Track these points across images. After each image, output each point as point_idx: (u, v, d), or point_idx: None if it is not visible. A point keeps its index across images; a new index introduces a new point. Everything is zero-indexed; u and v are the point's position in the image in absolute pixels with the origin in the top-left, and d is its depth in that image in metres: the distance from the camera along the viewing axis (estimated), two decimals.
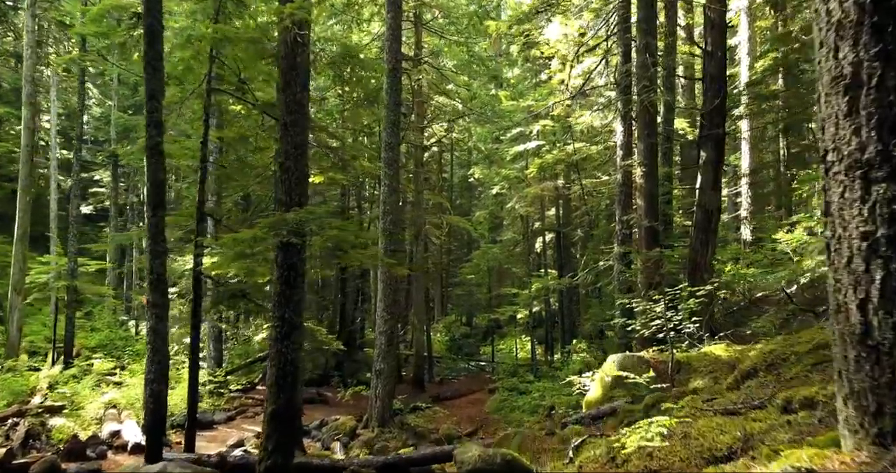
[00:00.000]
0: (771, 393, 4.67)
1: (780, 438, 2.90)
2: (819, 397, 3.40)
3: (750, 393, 4.88)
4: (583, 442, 4.99)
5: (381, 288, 14.76)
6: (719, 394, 5.52)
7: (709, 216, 12.57)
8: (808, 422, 3.15)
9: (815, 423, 3.09)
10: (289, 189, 7.09)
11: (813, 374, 4.88)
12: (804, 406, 3.43)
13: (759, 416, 3.61)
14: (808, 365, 5.16)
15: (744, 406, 4.29)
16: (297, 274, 7.08)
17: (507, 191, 28.62)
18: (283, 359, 6.92)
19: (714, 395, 5.38)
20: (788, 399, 3.58)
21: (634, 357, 8.75)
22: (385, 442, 14.01)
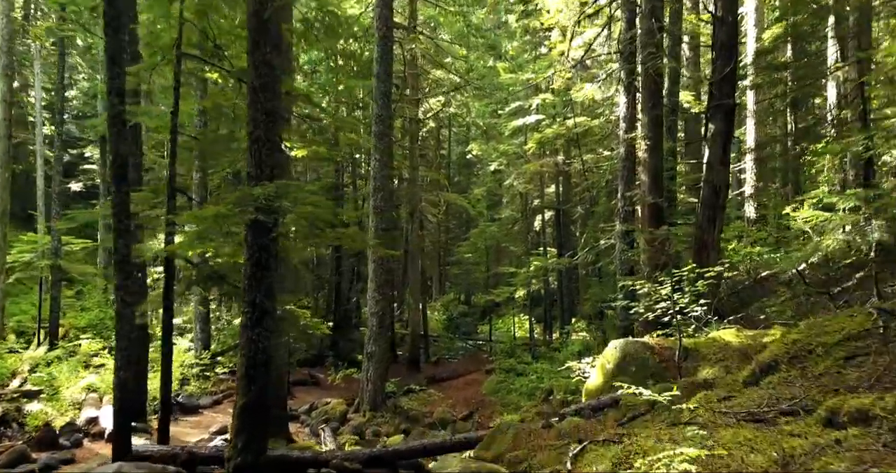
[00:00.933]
0: (800, 393, 4.05)
1: (833, 467, 2.30)
2: (876, 410, 2.78)
3: (774, 392, 4.26)
4: (583, 450, 4.39)
5: (373, 269, 14.15)
6: (736, 391, 4.91)
7: (716, 192, 11.88)
8: (864, 444, 2.54)
9: (876, 446, 2.49)
10: (259, 161, 6.41)
11: (847, 371, 4.26)
12: (856, 420, 2.82)
13: (795, 428, 2.99)
14: (839, 360, 4.55)
15: (771, 411, 3.67)
16: (269, 255, 6.44)
17: (506, 168, 27.88)
18: (255, 348, 6.31)
19: (731, 393, 4.77)
20: (833, 410, 2.96)
21: (638, 342, 8.15)
22: (377, 427, 13.53)
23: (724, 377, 6.50)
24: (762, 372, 5.15)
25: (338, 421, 13.31)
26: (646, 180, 12.33)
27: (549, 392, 15.19)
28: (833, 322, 5.23)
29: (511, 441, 6.84)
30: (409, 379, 19.55)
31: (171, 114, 8.73)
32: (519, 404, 15.62)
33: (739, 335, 8.02)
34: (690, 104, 19.21)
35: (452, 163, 40.79)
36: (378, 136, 14.02)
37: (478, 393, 18.04)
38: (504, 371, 19.09)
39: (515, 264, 30.60)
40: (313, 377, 18.25)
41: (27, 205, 29.86)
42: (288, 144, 10.45)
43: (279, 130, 6.62)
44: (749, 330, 8.46)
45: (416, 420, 14.54)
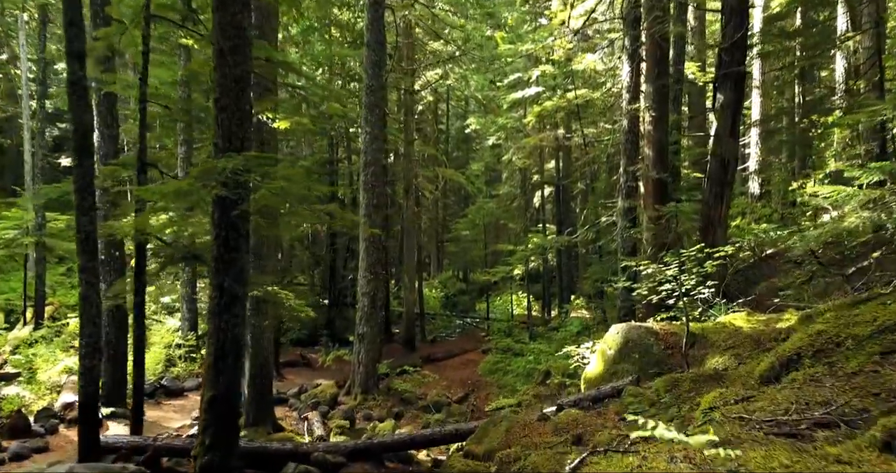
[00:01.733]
0: (833, 397, 3.50)
1: None
2: None
3: (801, 394, 3.71)
4: (582, 463, 3.85)
5: (364, 247, 13.58)
6: (754, 390, 4.36)
7: (724, 166, 11.25)
8: None
9: None
10: (227, 132, 5.79)
11: (886, 369, 3.70)
12: None
13: (842, 452, 2.44)
14: (873, 355, 3.99)
15: (803, 420, 3.13)
16: (238, 235, 5.86)
17: (505, 142, 27.16)
18: (223, 336, 5.76)
19: (749, 391, 4.23)
20: (891, 431, 2.41)
21: (641, 328, 7.61)
22: (368, 410, 13.10)
23: (735, 368, 5.96)
24: (783, 366, 4.60)
25: (328, 405, 12.86)
26: (650, 154, 11.70)
27: (547, 374, 14.75)
28: (865, 310, 4.66)
29: (504, 435, 6.34)
30: (405, 358, 19.12)
31: (139, 81, 8.07)
32: (515, 386, 15.20)
33: (750, 319, 7.48)
34: (695, 75, 18.45)
35: (451, 137, 39.97)
36: (369, 108, 13.35)
37: (474, 373, 17.62)
38: (501, 351, 18.65)
39: (514, 242, 30.05)
40: (305, 358, 17.80)
41: (20, 179, 29.23)
42: (270, 115, 9.81)
43: (250, 98, 5.98)
44: (760, 313, 7.92)
45: (410, 402, 14.12)
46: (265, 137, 10.49)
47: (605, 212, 18.57)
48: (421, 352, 19.95)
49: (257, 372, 10.46)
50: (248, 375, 10.53)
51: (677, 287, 7.69)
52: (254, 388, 10.46)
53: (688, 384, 5.78)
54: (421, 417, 13.27)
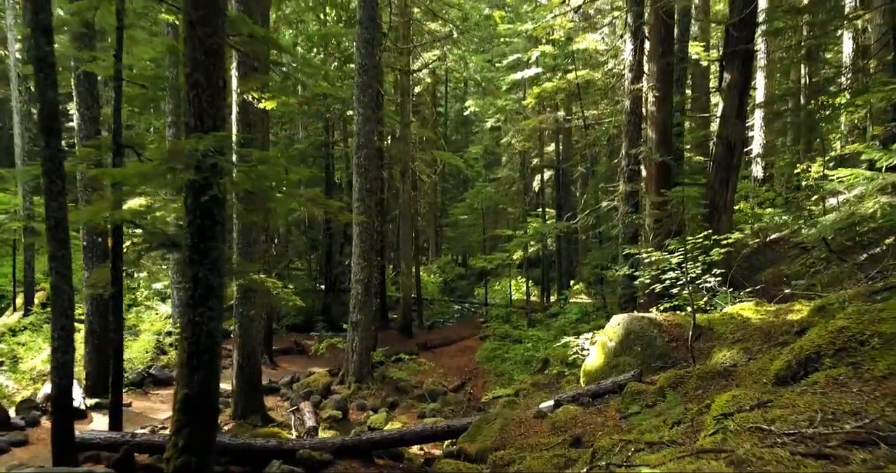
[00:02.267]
0: (862, 405, 3.12)
1: None
2: None
3: (825, 400, 3.33)
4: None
5: (357, 233, 13.16)
6: (770, 393, 3.98)
7: (731, 149, 10.83)
8: None
9: None
10: (199, 110, 5.36)
11: None
12: None
13: None
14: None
15: (832, 435, 2.74)
16: (213, 223, 5.45)
17: (504, 125, 26.65)
18: (198, 331, 5.37)
19: (765, 394, 3.84)
20: None
21: (644, 318, 7.24)
22: (362, 400, 12.77)
23: (745, 364, 5.59)
24: (801, 365, 4.21)
25: (320, 394, 12.52)
26: (653, 136, 11.25)
27: (545, 362, 14.44)
28: (891, 305, 4.27)
29: (498, 434, 5.99)
30: (401, 345, 18.80)
31: (113, 57, 7.61)
32: (513, 374, 14.88)
33: (759, 310, 7.10)
34: (699, 55, 17.91)
35: (450, 120, 39.46)
36: (361, 88, 12.86)
37: (471, 360, 17.30)
38: (499, 337, 18.33)
39: (513, 226, 29.64)
40: (299, 345, 17.47)
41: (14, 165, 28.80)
42: (256, 95, 9.36)
43: (223, 73, 5.53)
44: (768, 303, 7.54)
45: (405, 391, 13.80)
46: (251, 119, 10.04)
47: (605, 196, 18.15)
48: (418, 339, 19.63)
49: (245, 362, 10.11)
50: (236, 365, 10.19)
51: (682, 275, 7.32)
52: (242, 378, 10.12)
53: (694, 381, 5.41)
54: (416, 406, 12.95)
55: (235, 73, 10.00)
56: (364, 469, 6.93)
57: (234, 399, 10.25)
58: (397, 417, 12.17)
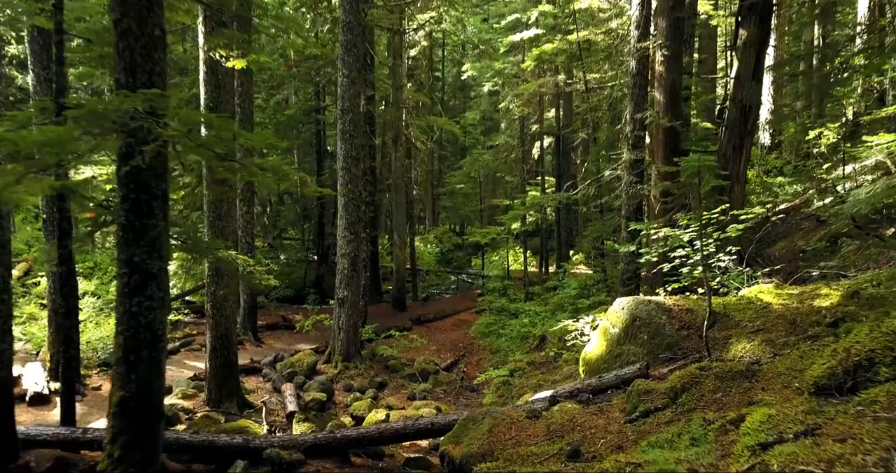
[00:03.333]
0: None
1: None
2: None
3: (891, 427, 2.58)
4: None
5: (343, 203, 12.35)
6: (809, 409, 3.23)
7: (745, 113, 9.95)
8: None
9: None
10: (129, 63, 4.51)
11: None
12: None
13: None
14: None
15: None
16: (150, 196, 4.65)
17: (502, 89, 25.56)
18: (136, 324, 4.61)
19: (809, 413, 3.09)
20: None
21: (651, 303, 6.47)
22: (349, 380, 12.13)
23: (771, 360, 4.84)
24: (848, 374, 3.46)
25: (305, 375, 11.86)
26: (661, 99, 10.34)
27: (542, 338, 13.77)
28: None
29: (486, 436, 5.27)
30: (394, 319, 18.16)
31: (53, 7, 6.70)
32: (509, 351, 14.25)
33: (780, 293, 6.33)
34: (708, 13, 16.83)
35: (447, 85, 38.28)
36: (346, 47, 11.89)
37: (466, 336, 16.67)
38: (495, 311, 17.67)
39: (511, 195, 28.76)
40: (287, 320, 16.79)
41: None
42: (223, 53, 8.45)
43: (162, 20, 4.64)
44: (790, 285, 6.77)
45: (395, 370, 13.16)
46: (221, 80, 9.13)
47: (607, 164, 17.28)
48: (411, 313, 18.97)
49: (219, 344, 9.40)
50: (209, 347, 9.48)
51: (692, 253, 6.53)
52: (216, 362, 9.43)
53: (712, 381, 4.67)
54: (406, 386, 12.32)
55: (202, 29, 9.06)
56: (339, 469, 6.26)
57: (207, 384, 9.57)
58: (385, 398, 11.54)
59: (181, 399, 9.64)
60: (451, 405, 11.46)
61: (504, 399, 11.04)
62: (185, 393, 9.80)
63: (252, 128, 17.19)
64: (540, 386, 10.82)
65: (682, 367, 5.63)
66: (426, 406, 10.67)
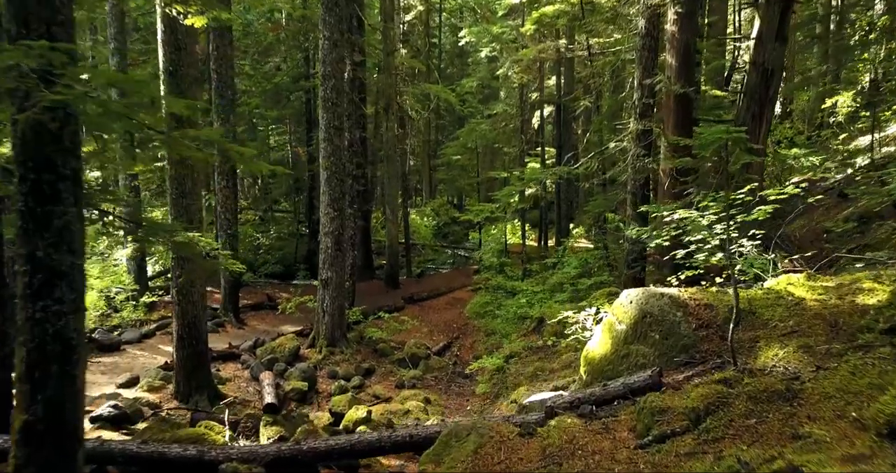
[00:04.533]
0: None
1: None
2: None
3: None
4: None
5: (325, 178, 11.44)
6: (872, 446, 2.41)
7: (767, 79, 8.98)
8: None
9: None
10: (21, 11, 3.60)
11: None
12: None
13: None
14: None
15: None
16: (58, 178, 3.77)
17: (500, 55, 24.37)
18: (40, 332, 3.78)
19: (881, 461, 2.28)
20: None
21: (664, 296, 5.63)
22: (333, 367, 11.38)
23: (814, 376, 4.00)
24: None
25: (287, 361, 11.12)
26: (673, 62, 9.35)
27: (540, 321, 12.98)
28: None
29: (471, 458, 4.48)
30: (385, 298, 17.39)
31: None
32: (505, 333, 13.49)
33: (814, 286, 5.48)
34: None
35: (445, 52, 36.95)
36: (327, 7, 10.84)
37: (460, 315, 15.91)
38: (491, 289, 16.89)
39: (510, 167, 27.75)
40: (273, 299, 15.99)
41: None
42: (179, 9, 7.45)
43: None
44: (824, 276, 5.91)
45: (384, 354, 12.42)
46: (180, 41, 8.14)
47: (611, 136, 16.30)
48: (404, 291, 18.18)
49: (187, 333, 8.61)
50: (176, 337, 8.69)
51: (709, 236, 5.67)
52: (183, 352, 8.64)
53: (743, 403, 3.84)
54: (395, 373, 11.60)
55: None
56: None
57: (175, 375, 8.80)
58: (372, 386, 10.83)
59: (147, 392, 8.87)
60: (442, 394, 10.73)
61: (498, 389, 10.31)
62: (152, 384, 9.04)
63: (233, 95, 16.18)
64: (536, 376, 10.07)
65: (702, 374, 4.83)
66: (414, 396, 9.94)
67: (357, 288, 17.44)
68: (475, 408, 9.87)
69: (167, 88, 8.10)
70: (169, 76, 8.07)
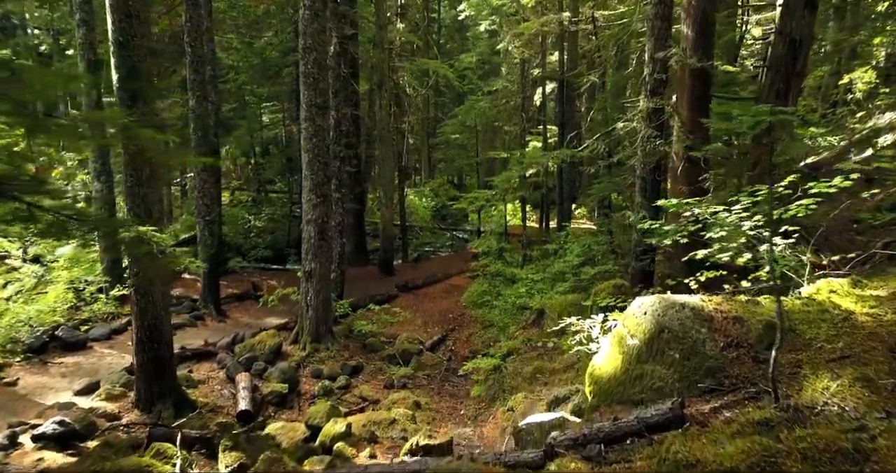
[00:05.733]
0: None
1: None
2: None
3: None
4: None
5: (307, 161, 10.53)
6: None
7: (795, 50, 8.00)
8: None
9: None
10: None
11: None
12: None
13: None
14: None
15: None
16: None
17: (500, 29, 23.23)
18: None
19: None
20: None
21: (685, 307, 4.75)
22: (318, 365, 10.57)
23: (885, 424, 3.14)
24: None
25: (267, 360, 10.32)
26: (689, 33, 8.36)
27: (541, 313, 12.16)
28: None
29: None
30: (379, 285, 16.57)
31: None
32: (503, 325, 12.67)
33: (862, 295, 4.62)
34: None
35: (444, 27, 35.70)
36: None
37: (457, 304, 15.09)
38: (490, 276, 16.05)
39: (510, 147, 26.78)
40: (258, 288, 15.14)
41: None
42: None
43: None
44: (873, 281, 5.02)
45: (374, 349, 11.63)
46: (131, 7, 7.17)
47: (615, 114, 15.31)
48: (399, 277, 17.36)
49: (147, 336, 7.78)
50: (136, 340, 7.86)
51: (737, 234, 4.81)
52: (143, 357, 7.82)
53: (798, 465, 2.99)
54: (384, 371, 10.81)
55: None
56: None
57: (136, 381, 7.99)
58: (359, 386, 10.05)
59: (105, 401, 8.07)
60: (434, 395, 9.94)
61: (494, 392, 9.50)
62: (112, 391, 8.23)
63: (215, 71, 15.18)
64: (536, 378, 9.26)
65: (733, 406, 3.99)
66: (403, 400, 9.16)
67: (349, 274, 16.61)
68: (469, 414, 9.09)
69: (116, 61, 7.16)
70: (118, 47, 7.12)
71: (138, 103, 7.30)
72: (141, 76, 7.32)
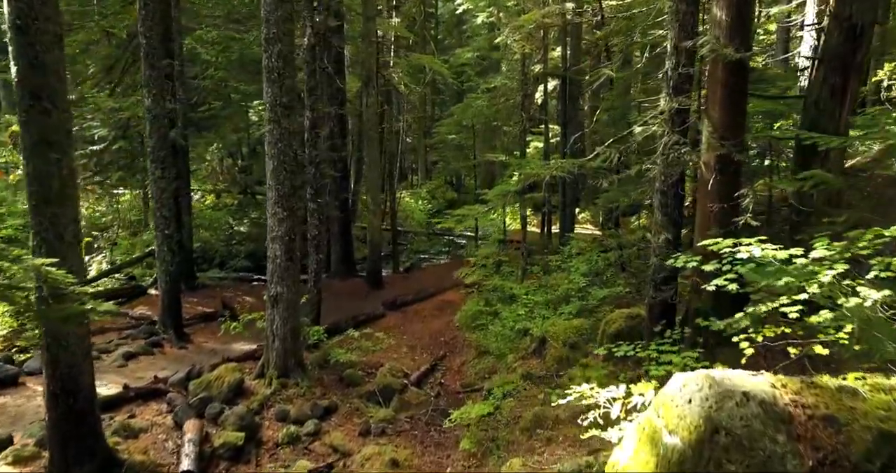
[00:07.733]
0: None
1: None
2: None
3: None
4: None
5: (271, 168, 9.09)
6: None
7: (854, 38, 6.58)
8: None
9: None
10: None
11: None
12: None
13: None
14: None
15: None
16: None
17: (499, 22, 21.82)
18: None
19: None
20: None
21: (750, 398, 3.29)
22: (284, 405, 9.09)
23: None
24: None
25: (225, 400, 8.89)
26: (723, 17, 6.89)
27: (542, 341, 10.72)
28: None
29: None
30: (365, 302, 15.15)
31: None
32: (500, 353, 11.21)
33: None
34: None
35: (442, 22, 34.29)
36: None
37: (449, 325, 13.65)
38: (487, 291, 14.59)
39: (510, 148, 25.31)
40: (228, 307, 13.63)
41: None
42: None
43: None
44: None
45: (352, 383, 10.19)
46: None
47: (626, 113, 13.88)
48: (388, 292, 15.94)
49: (59, 388, 6.36)
50: (48, 394, 6.44)
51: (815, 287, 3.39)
52: (57, 413, 6.40)
53: None
54: (361, 411, 9.36)
55: None
56: None
57: (48, 443, 6.57)
58: (330, 433, 8.63)
59: (12, 465, 6.64)
60: (417, 445, 8.48)
61: (486, 447, 8.05)
62: (21, 454, 6.78)
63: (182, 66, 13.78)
64: (536, 433, 7.77)
65: None
66: (379, 455, 7.75)
67: (333, 289, 15.23)
68: None
69: (14, 50, 5.74)
70: (17, 33, 5.71)
71: (43, 102, 5.88)
72: (47, 69, 5.90)
